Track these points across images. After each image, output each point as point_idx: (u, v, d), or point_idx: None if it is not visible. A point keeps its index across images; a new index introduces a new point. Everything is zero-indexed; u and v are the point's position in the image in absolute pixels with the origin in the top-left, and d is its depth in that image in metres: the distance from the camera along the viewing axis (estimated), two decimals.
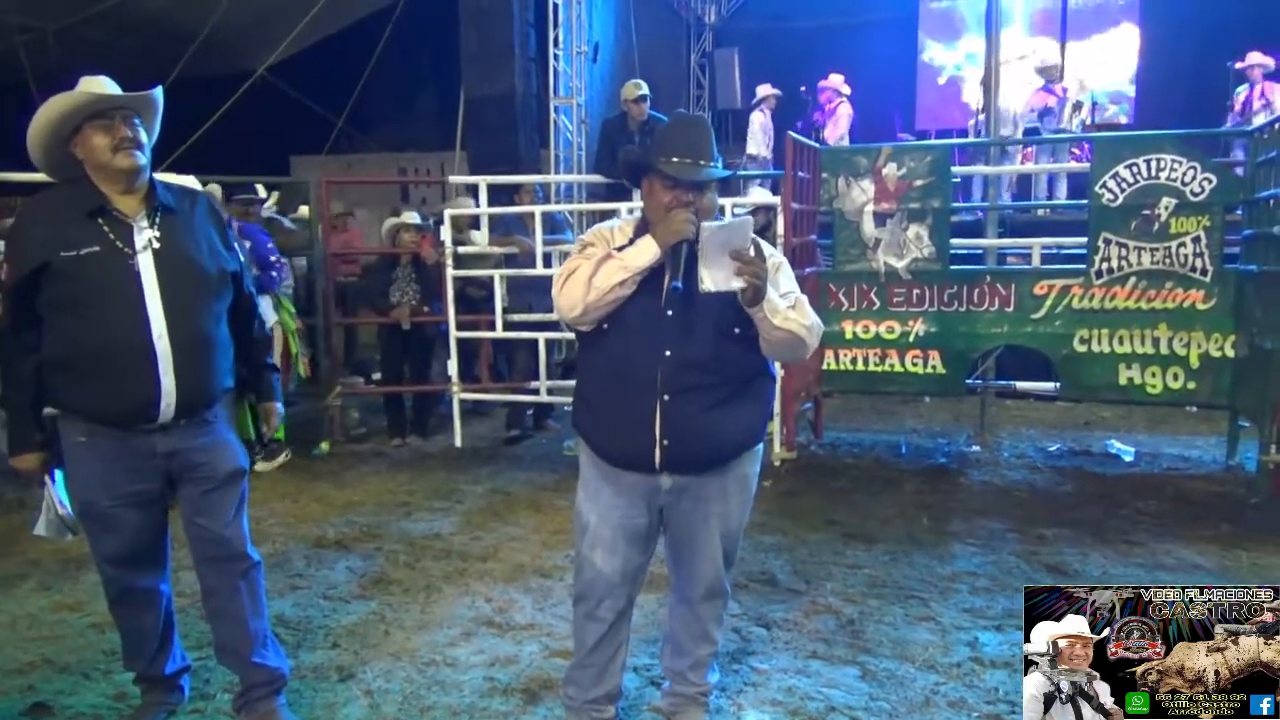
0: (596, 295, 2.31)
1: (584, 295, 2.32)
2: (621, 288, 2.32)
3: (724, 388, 2.41)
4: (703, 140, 2.39)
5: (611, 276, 2.31)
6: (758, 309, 2.28)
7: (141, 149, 2.48)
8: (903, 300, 5.87)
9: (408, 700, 2.97)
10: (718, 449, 2.45)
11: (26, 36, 9.80)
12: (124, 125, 2.45)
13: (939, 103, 12.34)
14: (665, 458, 2.40)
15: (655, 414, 2.37)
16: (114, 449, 2.51)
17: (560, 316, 2.43)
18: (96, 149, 2.44)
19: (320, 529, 4.69)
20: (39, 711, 2.91)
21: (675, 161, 2.33)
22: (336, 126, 11.40)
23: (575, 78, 9.38)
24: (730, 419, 2.43)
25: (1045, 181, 9.07)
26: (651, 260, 2.31)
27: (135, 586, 2.67)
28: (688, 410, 2.37)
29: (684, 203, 2.33)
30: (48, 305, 2.45)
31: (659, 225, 2.33)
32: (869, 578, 3.97)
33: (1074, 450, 6.24)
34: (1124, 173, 5.38)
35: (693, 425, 2.38)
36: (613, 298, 2.32)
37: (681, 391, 2.36)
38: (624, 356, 2.40)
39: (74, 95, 2.44)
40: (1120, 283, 5.45)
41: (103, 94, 2.45)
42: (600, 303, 2.32)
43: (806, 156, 5.84)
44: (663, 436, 2.38)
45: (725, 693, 2.97)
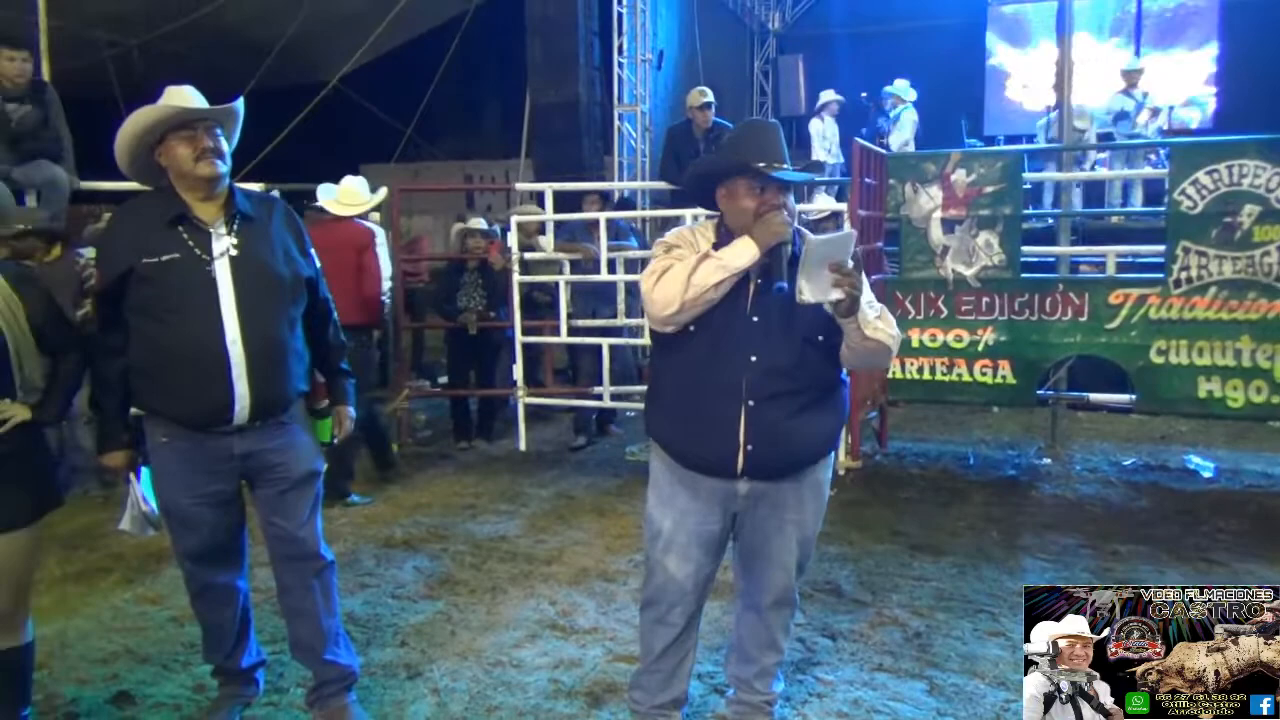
0: (695, 293, 2.30)
1: (682, 293, 2.30)
2: (718, 288, 2.31)
3: (806, 394, 2.41)
4: (780, 143, 2.42)
5: (710, 275, 2.30)
6: (851, 319, 2.28)
7: (222, 158, 2.55)
8: (971, 308, 5.77)
9: (474, 700, 3.01)
10: (798, 455, 2.45)
11: (113, 51, 10.19)
12: (206, 136, 2.52)
13: (1007, 108, 12.11)
14: (747, 463, 2.40)
15: (740, 419, 2.37)
16: (192, 450, 2.59)
17: (651, 316, 2.41)
18: (180, 158, 2.52)
19: (389, 529, 4.78)
20: (123, 700, 3.02)
21: (762, 165, 2.35)
22: (405, 135, 11.62)
23: (639, 85, 9.42)
24: (811, 426, 2.43)
25: (1119, 188, 8.84)
26: (750, 261, 2.32)
27: (214, 583, 2.75)
28: (772, 416, 2.37)
29: (775, 205, 2.35)
30: (132, 310, 2.54)
31: (757, 227, 2.33)
32: (936, 590, 3.91)
33: (1150, 465, 6.06)
34: (1204, 179, 5.21)
35: (776, 431, 2.38)
36: (709, 298, 2.32)
37: (767, 398, 2.37)
38: (709, 361, 2.40)
39: (160, 107, 2.53)
40: (1200, 292, 5.27)
41: (187, 106, 2.53)
42: (697, 301, 2.32)
43: (873, 162, 5.78)
44: (747, 441, 2.38)
45: (790, 703, 2.95)
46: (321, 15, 9.95)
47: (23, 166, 5.59)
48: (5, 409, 2.40)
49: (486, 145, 13.41)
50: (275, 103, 9.76)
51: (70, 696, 3.04)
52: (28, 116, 5.62)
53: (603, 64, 9.53)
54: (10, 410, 2.41)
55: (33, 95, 5.64)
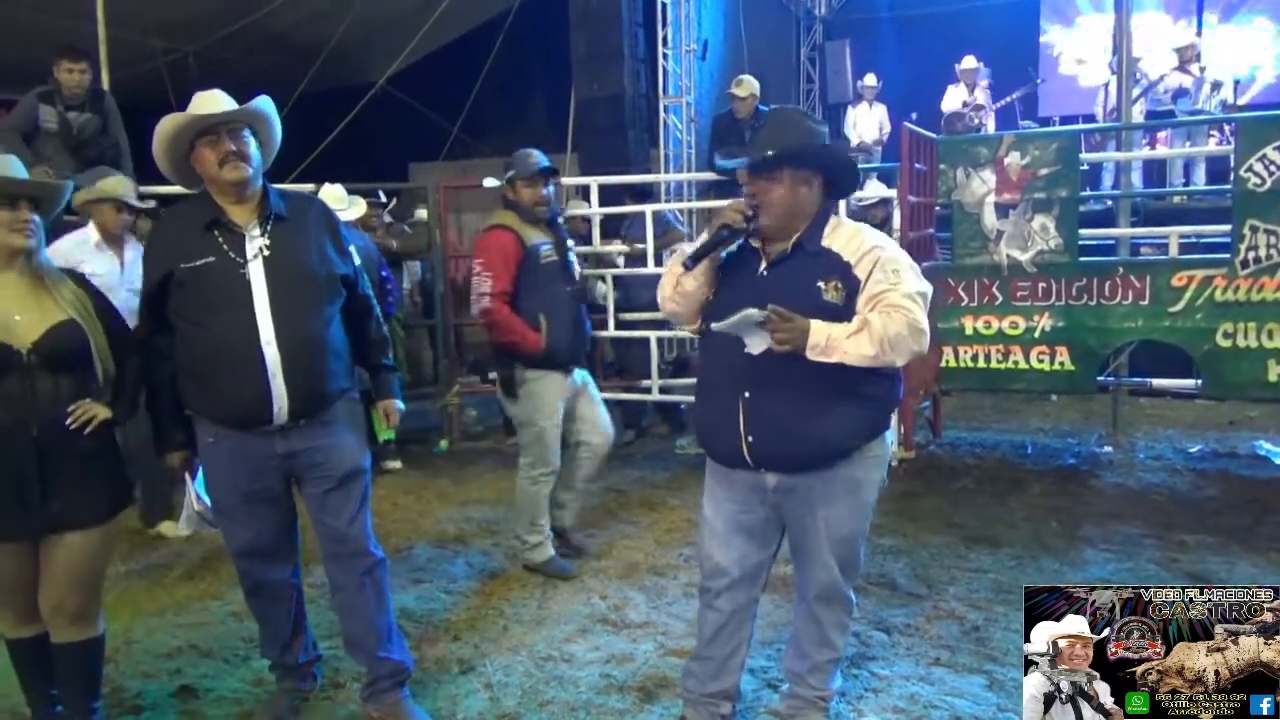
0: (669, 290, 2.48)
1: (665, 294, 2.50)
2: (683, 280, 2.43)
3: (812, 385, 2.33)
4: (773, 132, 2.42)
5: (673, 270, 2.45)
6: (815, 352, 2.24)
7: (247, 160, 2.57)
8: (1027, 294, 5.62)
9: (527, 694, 3.02)
10: (807, 447, 2.39)
11: (169, 59, 10.41)
12: (229, 139, 2.54)
13: (1062, 88, 11.78)
14: (753, 454, 2.41)
15: (739, 410, 2.39)
16: (237, 450, 2.63)
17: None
18: (207, 163, 2.56)
19: (441, 525, 4.82)
20: (186, 694, 3.09)
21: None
22: (452, 133, 11.70)
23: (684, 76, 9.37)
24: (822, 418, 2.36)
25: (1180, 167, 8.56)
26: (697, 246, 2.40)
27: (266, 579, 2.80)
28: (771, 407, 2.36)
29: (750, 193, 2.39)
30: (174, 313, 2.60)
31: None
32: (994, 583, 3.83)
33: (1217, 452, 5.86)
34: (1273, 155, 5.00)
35: (776, 423, 2.36)
36: (683, 291, 2.45)
37: (762, 387, 2.36)
38: (716, 355, 2.46)
39: (178, 116, 2.55)
40: (1269, 273, 5.07)
41: (203, 113, 2.54)
42: (674, 297, 2.47)
43: (923, 147, 5.67)
44: (747, 433, 2.39)
45: (845, 698, 2.91)
46: (368, 18, 10.05)
47: (84, 173, 5.75)
48: (89, 408, 2.47)
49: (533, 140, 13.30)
50: (325, 105, 9.91)
51: (136, 690, 3.11)
52: (88, 124, 5.78)
53: (647, 56, 9.48)
54: (94, 410, 2.48)
55: (92, 103, 5.80)
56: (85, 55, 5.86)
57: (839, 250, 2.37)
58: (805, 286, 2.33)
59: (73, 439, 2.45)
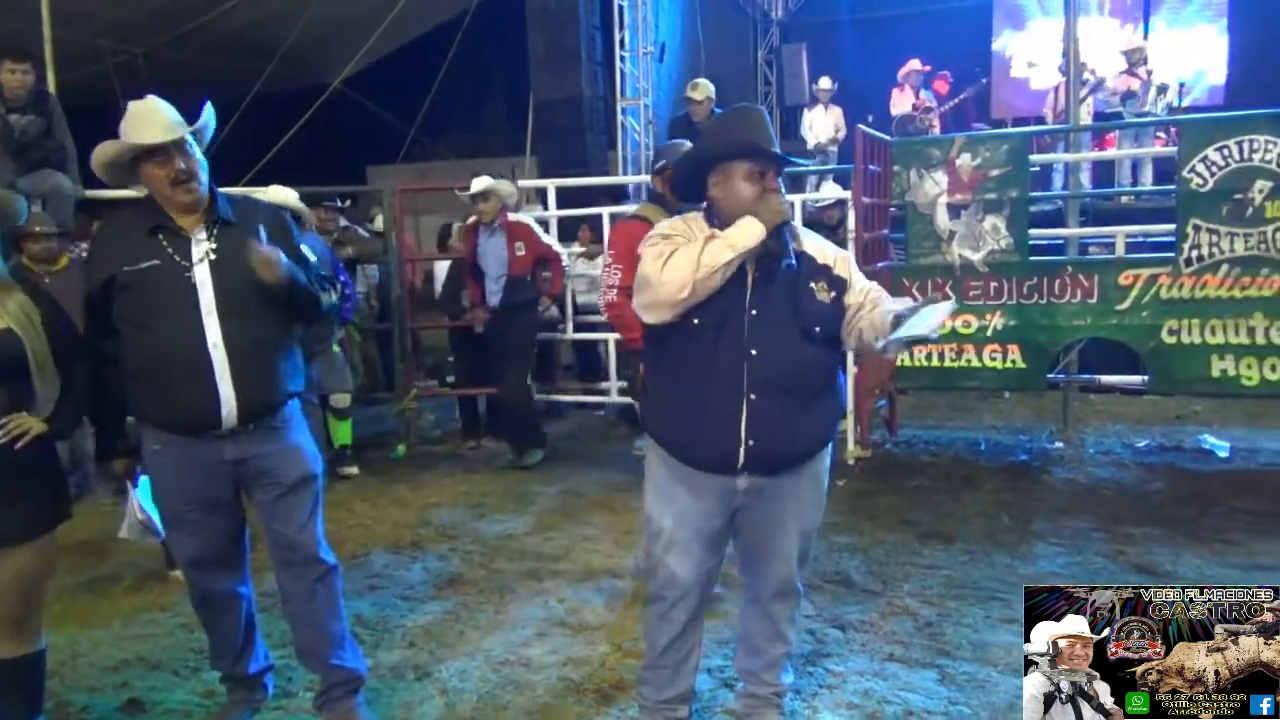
0: (705, 273, 2.25)
1: (693, 272, 2.24)
2: (728, 268, 2.27)
3: (806, 387, 2.39)
4: (769, 126, 2.41)
5: (720, 255, 2.26)
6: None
7: (198, 178, 2.52)
8: (979, 293, 5.72)
9: (483, 700, 3.00)
10: (799, 449, 2.43)
11: (118, 60, 10.22)
12: (179, 157, 2.49)
13: (1014, 91, 11.99)
14: (748, 458, 2.36)
15: (741, 413, 2.34)
16: (185, 456, 2.59)
17: (657, 302, 2.31)
18: (157, 181, 2.52)
19: (398, 530, 4.78)
20: (133, 708, 3.03)
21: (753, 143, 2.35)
22: (409, 135, 11.61)
23: (642, 79, 9.39)
24: (811, 419, 2.41)
25: (1128, 168, 8.74)
26: (756, 241, 2.28)
27: (215, 589, 2.75)
28: (773, 410, 2.34)
29: (774, 189, 2.35)
30: (118, 318, 2.55)
31: (761, 208, 2.31)
32: (947, 578, 3.88)
33: (1164, 446, 6.00)
34: (1214, 156, 5.14)
35: (777, 425, 2.36)
36: (718, 279, 2.27)
37: (767, 391, 2.34)
38: (709, 356, 2.35)
39: (118, 144, 2.49)
40: (1211, 270, 5.20)
41: (142, 143, 2.47)
42: (707, 282, 2.26)
43: (877, 149, 5.74)
44: (748, 437, 2.34)
45: (800, 695, 2.93)
46: (324, 18, 9.94)
47: (28, 176, 5.62)
48: (24, 422, 2.42)
49: (491, 143, 13.35)
50: (280, 107, 9.78)
51: (82, 704, 3.05)
52: (31, 126, 5.65)
53: (605, 58, 9.49)
54: (28, 423, 2.42)
55: (35, 105, 5.67)
56: (29, 56, 5.74)
57: (814, 254, 2.43)
58: (802, 286, 2.37)
59: (4, 452, 2.39)
